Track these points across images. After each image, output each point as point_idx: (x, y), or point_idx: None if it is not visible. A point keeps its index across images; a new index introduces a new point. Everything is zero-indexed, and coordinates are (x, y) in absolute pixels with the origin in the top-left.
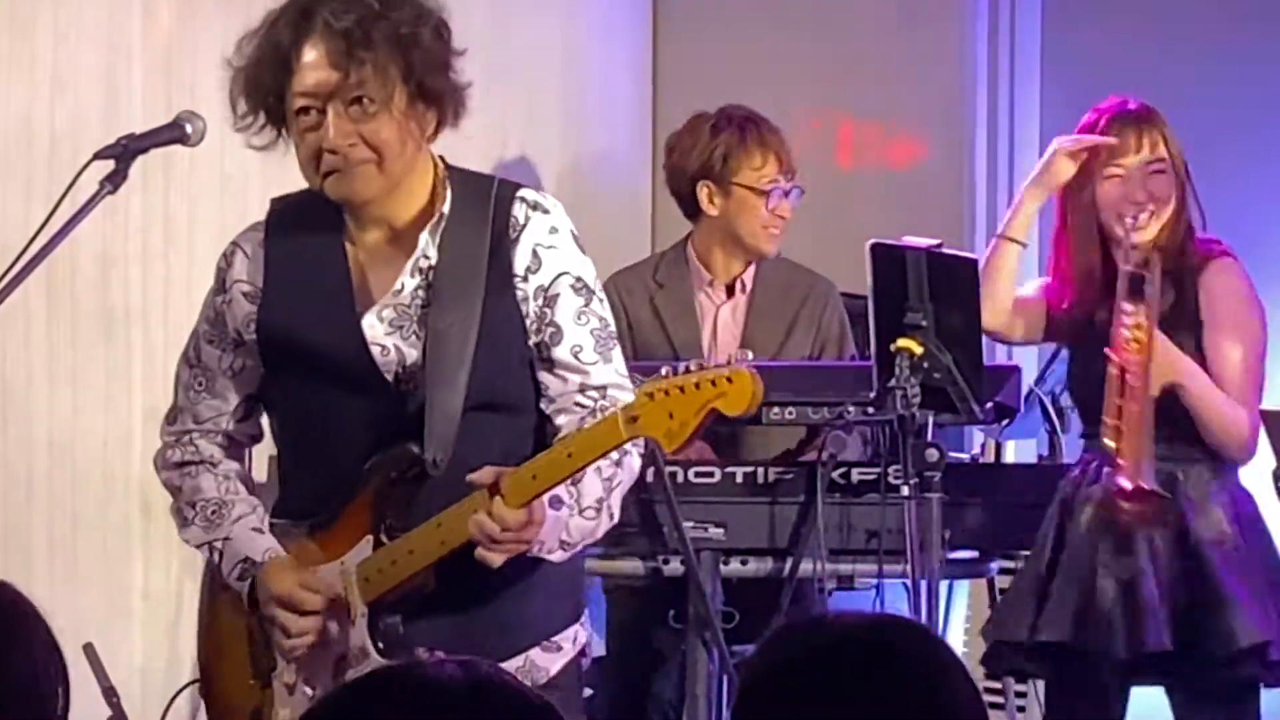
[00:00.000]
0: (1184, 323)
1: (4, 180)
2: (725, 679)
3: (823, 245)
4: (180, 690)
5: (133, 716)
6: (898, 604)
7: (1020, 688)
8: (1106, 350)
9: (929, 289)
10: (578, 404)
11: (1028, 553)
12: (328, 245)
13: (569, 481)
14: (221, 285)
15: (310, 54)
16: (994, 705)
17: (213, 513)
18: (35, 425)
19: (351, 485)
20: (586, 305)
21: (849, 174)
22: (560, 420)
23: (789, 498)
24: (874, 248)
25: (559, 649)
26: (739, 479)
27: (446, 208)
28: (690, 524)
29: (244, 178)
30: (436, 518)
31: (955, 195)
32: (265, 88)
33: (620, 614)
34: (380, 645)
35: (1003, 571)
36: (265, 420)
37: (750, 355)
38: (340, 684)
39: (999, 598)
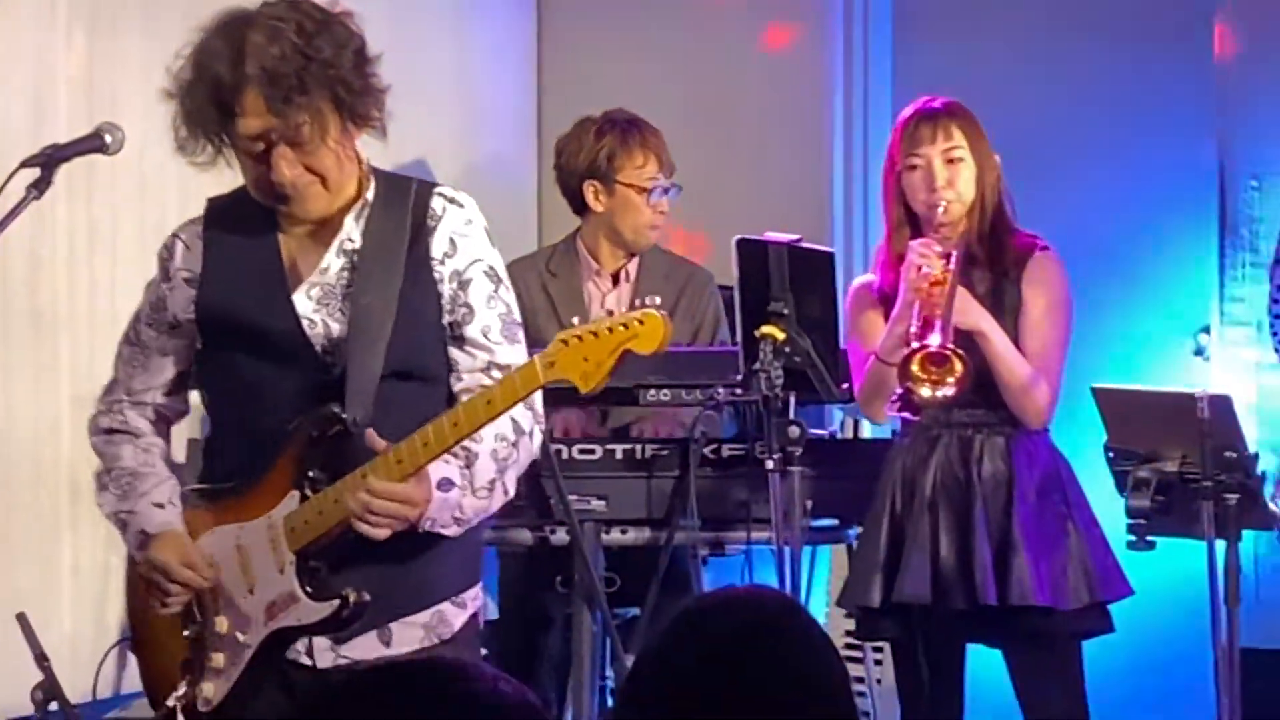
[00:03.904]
0: (1003, 309)
1: None
2: (608, 639)
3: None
4: (108, 651)
5: (63, 680)
6: (765, 569)
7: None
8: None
9: (790, 280)
10: (482, 385)
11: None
12: (260, 232)
13: (463, 462)
14: (165, 274)
15: (250, 101)
16: (852, 659)
17: (126, 483)
18: None
19: (278, 446)
20: (496, 291)
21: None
22: (465, 398)
23: (665, 472)
24: (740, 243)
25: (464, 606)
26: (619, 455)
27: (370, 195)
28: (574, 497)
29: (161, 184)
30: (360, 469)
31: (817, 199)
32: (208, 124)
33: (511, 580)
34: (308, 590)
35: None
36: (192, 399)
37: (659, 301)
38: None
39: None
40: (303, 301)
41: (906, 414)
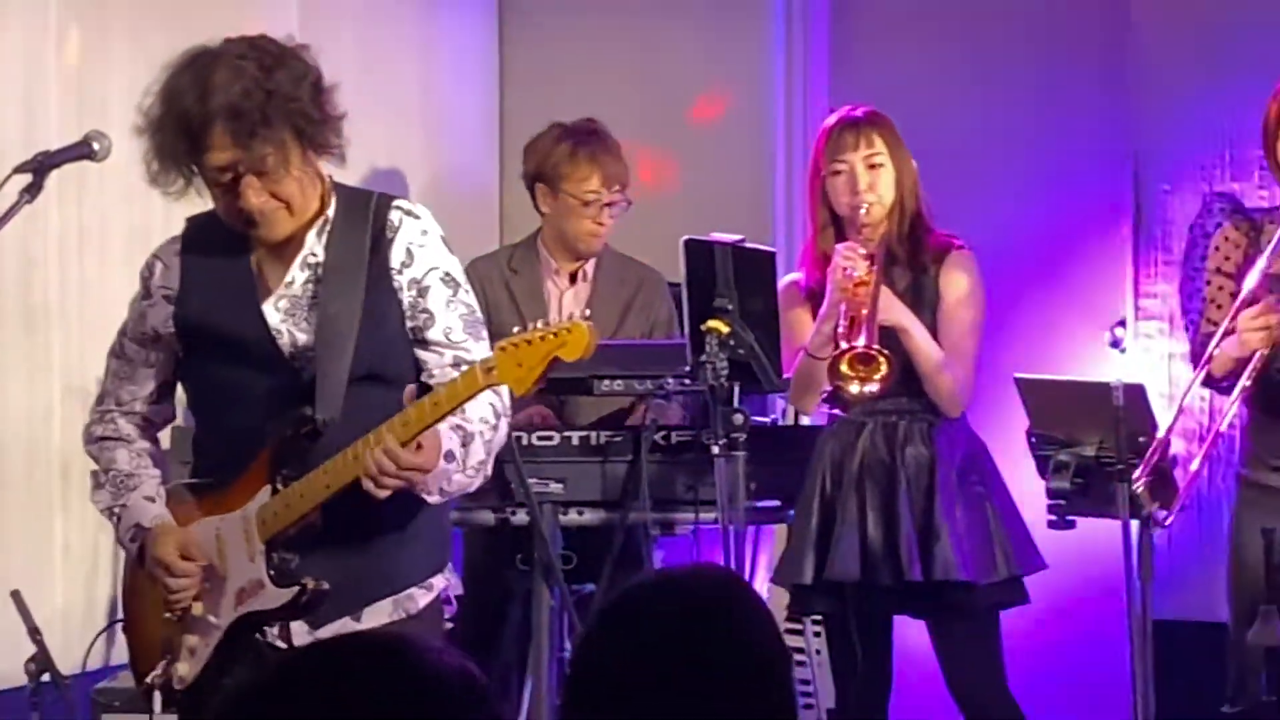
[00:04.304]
0: (922, 302)
1: None
2: (565, 613)
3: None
4: (101, 632)
5: (55, 653)
6: (712, 547)
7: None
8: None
9: (734, 278)
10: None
11: None
12: (233, 249)
13: (460, 440)
14: (146, 291)
15: (217, 135)
16: (793, 632)
17: (120, 482)
18: None
19: (254, 445)
20: (454, 295)
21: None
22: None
23: (618, 457)
24: (687, 243)
25: (430, 588)
26: (575, 441)
27: (331, 213)
28: (534, 480)
29: (147, 189)
30: (323, 465)
31: (759, 202)
32: (177, 157)
33: (475, 558)
34: (273, 575)
35: None
36: (178, 403)
37: (589, 312)
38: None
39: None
40: (271, 313)
41: (837, 410)
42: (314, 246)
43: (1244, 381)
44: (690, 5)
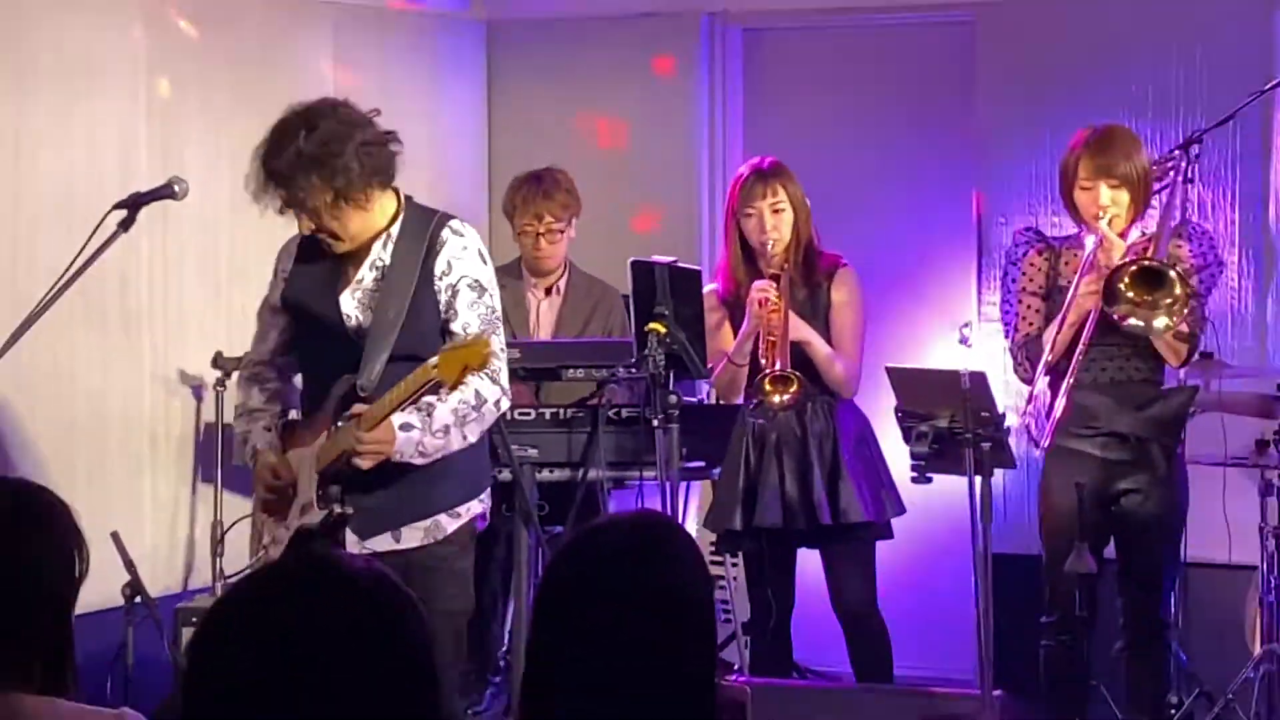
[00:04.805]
0: (817, 312)
1: (52, 224)
2: (540, 550)
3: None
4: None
5: (145, 580)
6: (652, 498)
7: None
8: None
9: (669, 290)
10: None
11: None
12: (323, 251)
13: (424, 413)
14: (275, 272)
15: (265, 184)
16: (715, 563)
17: (248, 414)
18: (77, 388)
19: (326, 399)
20: (479, 298)
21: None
22: None
23: (581, 429)
24: (633, 263)
25: (459, 516)
26: (547, 416)
27: (395, 229)
28: (516, 446)
29: (216, 223)
30: (351, 422)
31: (689, 232)
32: (262, 193)
33: None
34: (318, 498)
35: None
36: None
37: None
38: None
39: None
40: (346, 301)
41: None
42: (380, 253)
43: (1069, 379)
44: (635, 75)
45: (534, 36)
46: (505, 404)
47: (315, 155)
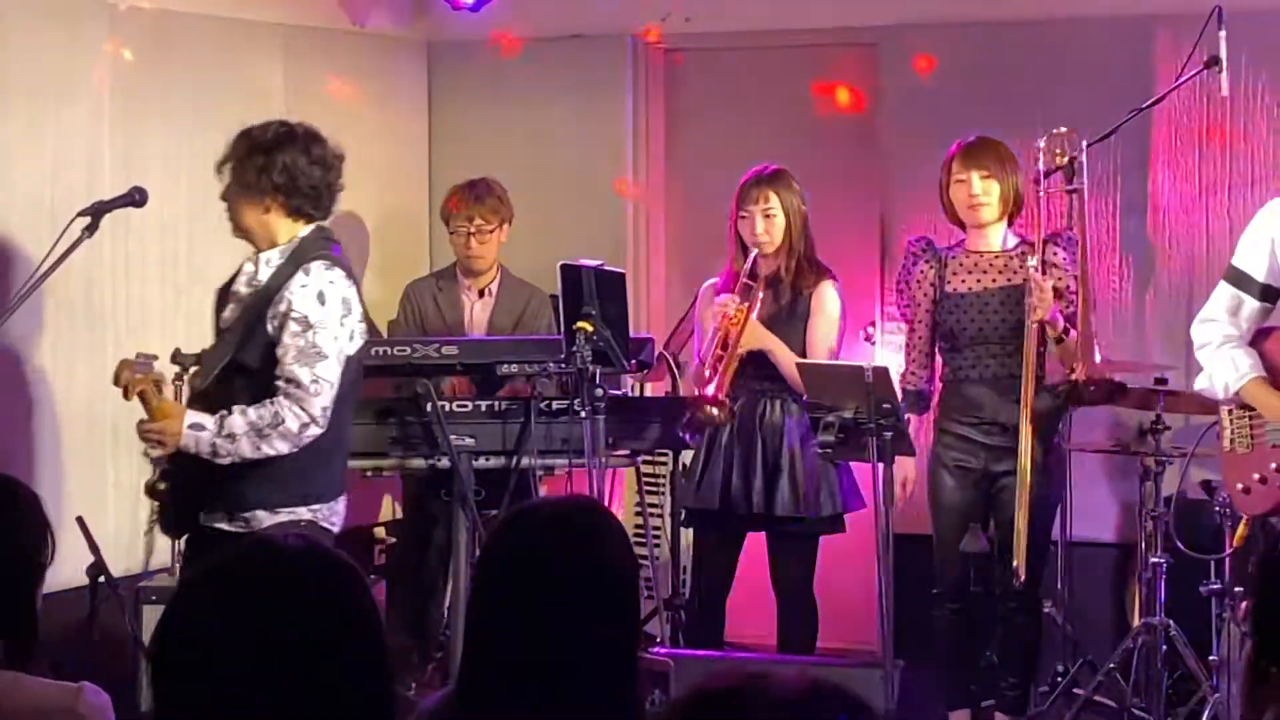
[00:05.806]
0: (795, 317)
1: (24, 232)
2: (476, 532)
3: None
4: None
5: (107, 562)
6: (580, 484)
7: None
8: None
9: (596, 291)
10: (277, 386)
11: (664, 451)
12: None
13: (220, 419)
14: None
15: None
16: (639, 542)
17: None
18: (44, 384)
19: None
20: (301, 332)
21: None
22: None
23: (515, 419)
24: (562, 267)
25: (278, 515)
26: (484, 408)
27: (278, 254)
28: (454, 436)
29: (175, 229)
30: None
31: (614, 238)
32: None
33: (411, 493)
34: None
35: (645, 462)
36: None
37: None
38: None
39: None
40: (229, 304)
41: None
42: (261, 269)
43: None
44: (570, 89)
45: (472, 56)
46: (314, 431)
47: (267, 145)
